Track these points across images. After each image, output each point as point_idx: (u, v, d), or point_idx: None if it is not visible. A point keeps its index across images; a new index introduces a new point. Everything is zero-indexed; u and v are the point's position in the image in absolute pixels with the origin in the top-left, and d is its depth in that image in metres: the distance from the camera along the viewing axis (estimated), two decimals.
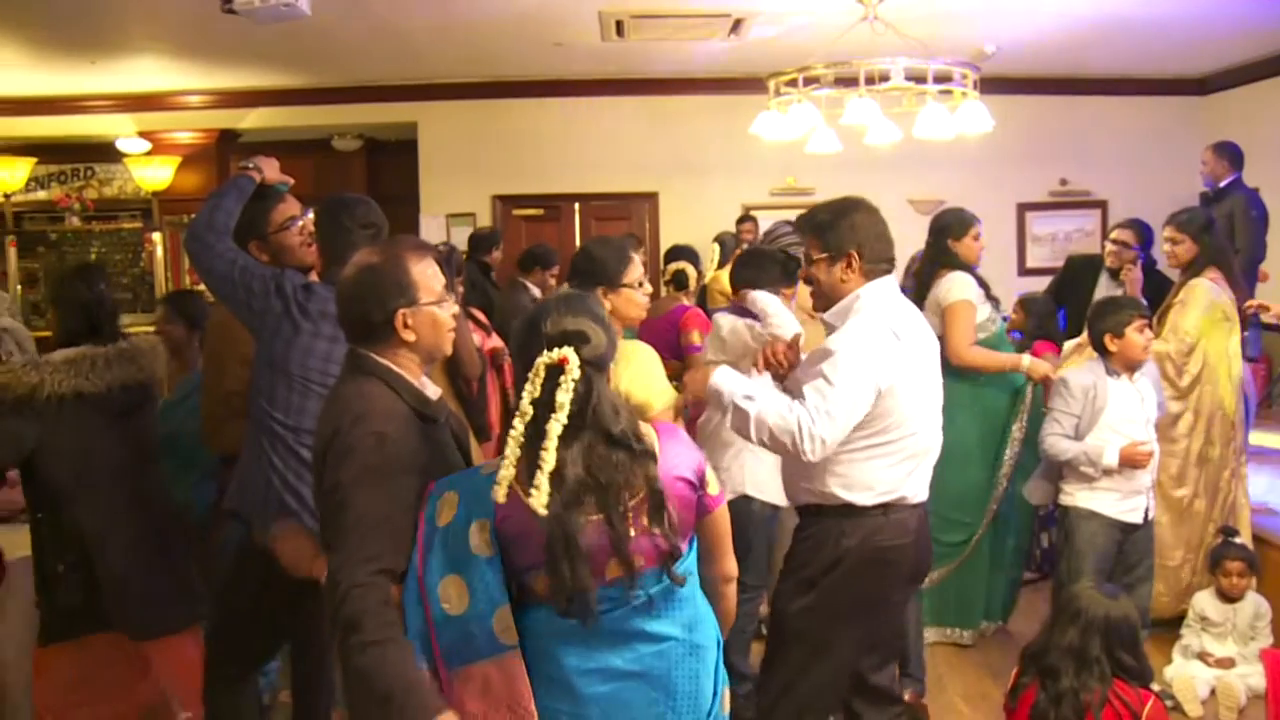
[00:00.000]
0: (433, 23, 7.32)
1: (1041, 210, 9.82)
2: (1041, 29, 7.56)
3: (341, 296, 2.40)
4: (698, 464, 2.26)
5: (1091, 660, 3.21)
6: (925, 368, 3.01)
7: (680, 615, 2.22)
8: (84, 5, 6.67)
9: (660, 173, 9.59)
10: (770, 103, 6.38)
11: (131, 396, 3.47)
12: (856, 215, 3.05)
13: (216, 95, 9.59)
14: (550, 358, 2.08)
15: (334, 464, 2.23)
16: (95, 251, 10.58)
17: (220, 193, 3.29)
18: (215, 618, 3.48)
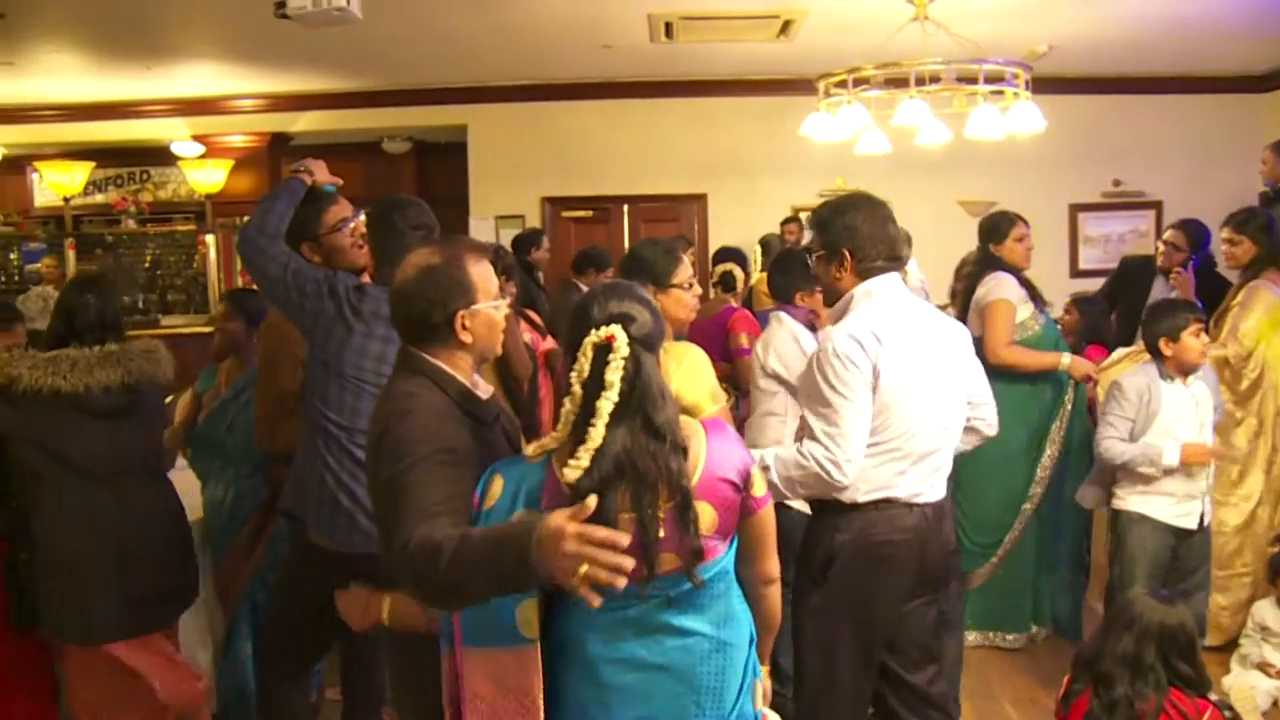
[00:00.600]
0: (482, 26, 7.36)
1: (1094, 211, 9.69)
2: (1096, 27, 7.46)
3: (401, 295, 2.39)
4: (744, 464, 2.24)
5: (1146, 668, 3.15)
6: (923, 368, 2.95)
7: (709, 611, 2.22)
8: (141, 13, 6.79)
9: (709, 174, 9.58)
10: (820, 104, 6.35)
11: (114, 399, 3.44)
12: (853, 214, 3.06)
13: (268, 99, 9.70)
14: (598, 335, 2.10)
15: (386, 460, 2.23)
16: (150, 253, 10.76)
17: (272, 196, 3.32)
18: (270, 616, 3.52)
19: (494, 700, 2.15)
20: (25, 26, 6.92)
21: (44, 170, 10.16)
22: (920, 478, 2.97)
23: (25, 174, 10.84)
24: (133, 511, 3.51)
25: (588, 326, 2.13)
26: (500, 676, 2.15)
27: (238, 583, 4.14)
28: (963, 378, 3.08)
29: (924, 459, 2.96)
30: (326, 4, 4.76)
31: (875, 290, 3.01)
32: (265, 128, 10.02)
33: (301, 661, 3.43)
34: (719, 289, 5.93)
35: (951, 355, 3.05)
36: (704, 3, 6.83)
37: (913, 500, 2.96)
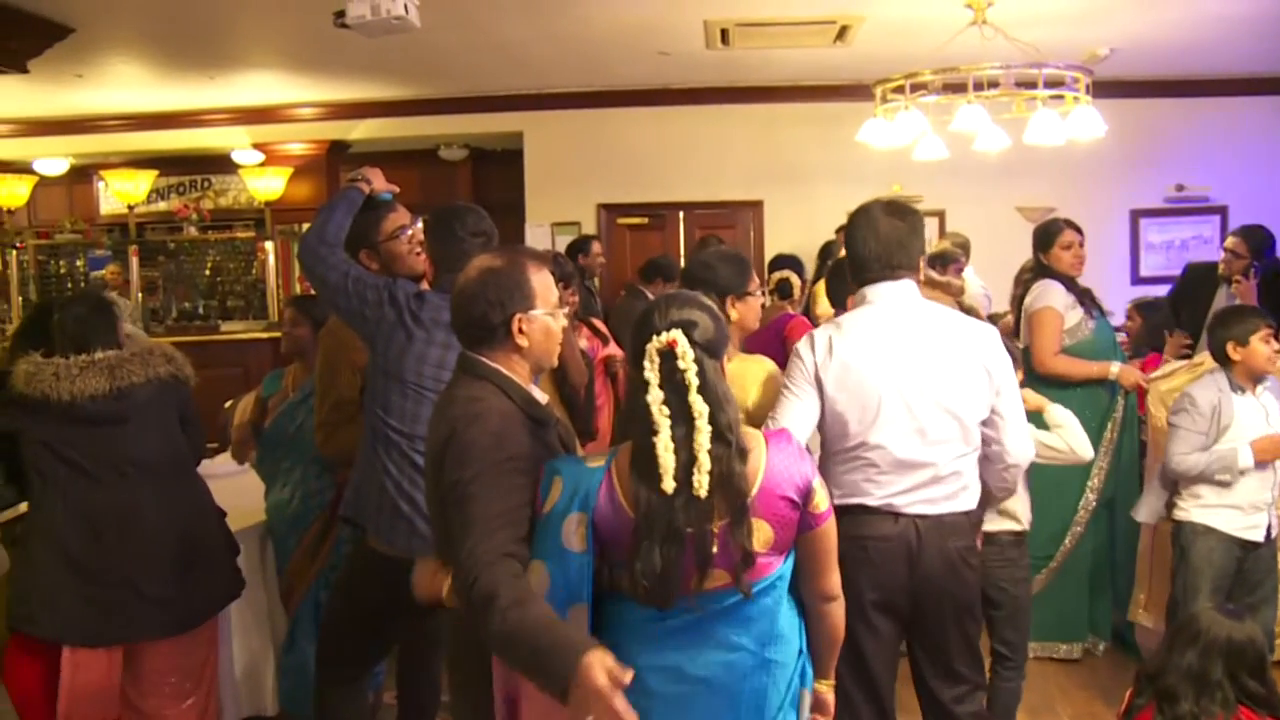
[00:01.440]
0: (539, 34, 7.39)
1: (1156, 217, 9.50)
2: (1159, 29, 7.33)
3: (461, 296, 2.43)
4: (805, 479, 2.23)
5: (1213, 685, 3.07)
6: (897, 378, 2.90)
7: (755, 627, 2.21)
8: (206, 25, 6.89)
9: (765, 181, 9.54)
10: (877, 110, 6.32)
11: (102, 407, 3.49)
12: (850, 224, 3.10)
13: (327, 107, 9.81)
14: (660, 341, 2.13)
15: (453, 464, 2.26)
16: (211, 260, 10.91)
17: (331, 205, 3.37)
18: (328, 619, 3.55)
19: (548, 705, 2.14)
20: (95, 40, 7.05)
21: (110, 179, 10.34)
22: (902, 488, 2.90)
23: (92, 182, 11.04)
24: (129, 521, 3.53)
25: (650, 334, 2.15)
26: None
27: (302, 583, 4.19)
28: (965, 391, 2.94)
29: (905, 469, 2.90)
30: (385, 13, 4.80)
31: (870, 297, 3.02)
32: (324, 136, 10.12)
33: (359, 665, 3.46)
34: (775, 296, 5.91)
35: (949, 368, 2.93)
36: (760, 9, 6.80)
37: (895, 509, 2.90)
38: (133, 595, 3.51)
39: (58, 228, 10.67)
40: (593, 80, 9.08)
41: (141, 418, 3.59)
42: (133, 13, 6.67)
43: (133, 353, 3.61)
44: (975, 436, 2.97)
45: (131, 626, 3.54)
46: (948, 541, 2.93)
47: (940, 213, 9.22)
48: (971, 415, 2.95)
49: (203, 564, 3.69)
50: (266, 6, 6.57)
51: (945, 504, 2.93)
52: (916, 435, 2.90)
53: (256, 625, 4.31)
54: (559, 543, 2.15)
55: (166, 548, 3.57)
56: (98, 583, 3.48)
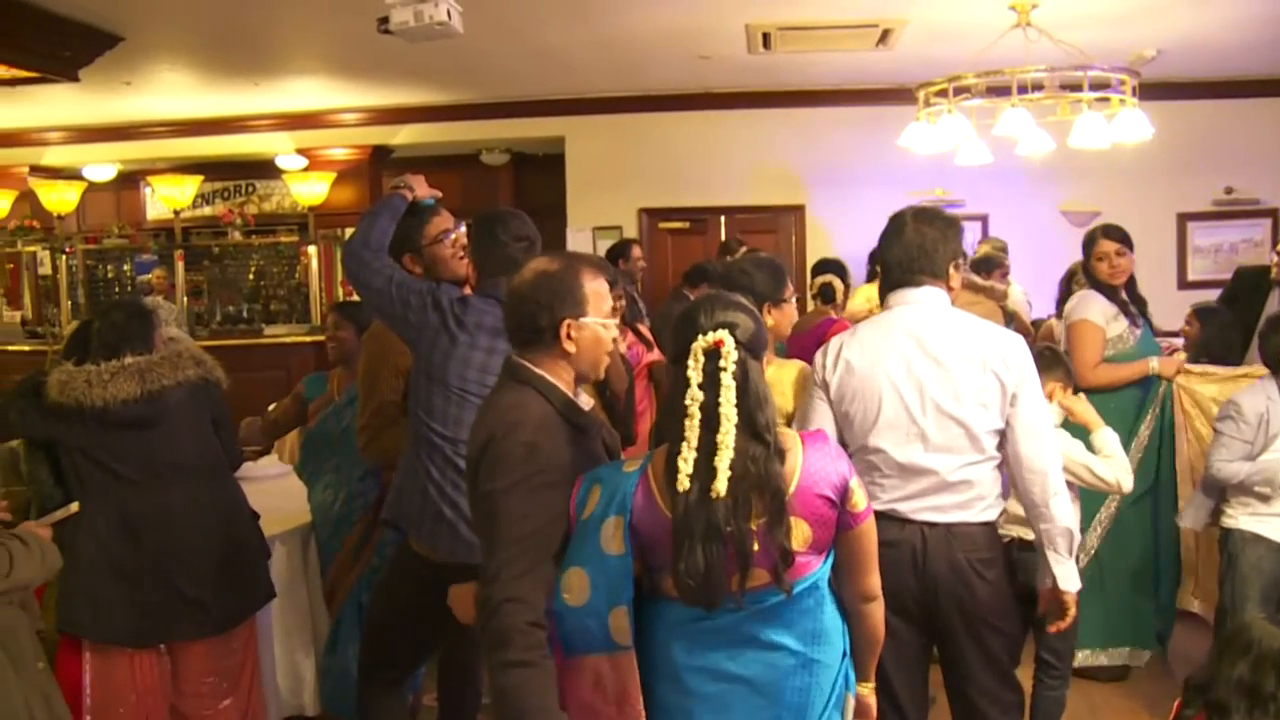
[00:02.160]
0: (580, 39, 7.41)
1: (1204, 220, 9.37)
2: (1208, 30, 7.23)
3: (513, 297, 2.44)
4: (842, 477, 2.23)
5: (1266, 697, 3.01)
6: (901, 385, 2.88)
7: (797, 626, 2.21)
8: (252, 32, 6.97)
9: (807, 185, 9.51)
10: (919, 114, 6.29)
11: (133, 411, 3.55)
12: (884, 232, 3.10)
13: (370, 113, 9.88)
14: (706, 341, 2.14)
15: (487, 472, 2.28)
16: (254, 264, 11.02)
17: (375, 212, 3.39)
18: (370, 621, 3.57)
19: (595, 707, 2.19)
20: (143, 48, 7.15)
21: (156, 184, 10.48)
22: (906, 493, 2.89)
23: (139, 188, 11.20)
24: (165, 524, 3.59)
25: (694, 334, 2.17)
26: (600, 684, 2.18)
27: (345, 585, 4.21)
28: (973, 400, 2.88)
29: (907, 474, 2.89)
30: (428, 19, 4.82)
31: (891, 303, 3.04)
32: (366, 141, 10.19)
33: (401, 668, 3.48)
34: (818, 300, 5.89)
35: (957, 376, 2.88)
36: (802, 13, 6.78)
37: (900, 514, 2.89)
38: (172, 596, 3.57)
39: (106, 233, 10.82)
40: (634, 84, 9.09)
41: (173, 421, 3.66)
42: (180, 21, 6.77)
43: (162, 356, 3.67)
44: (988, 445, 2.91)
45: (171, 627, 3.60)
46: (956, 551, 2.89)
47: (983, 217, 9.16)
48: (980, 424, 2.89)
49: (239, 565, 3.74)
50: (310, 14, 6.64)
51: (956, 513, 2.90)
52: (918, 441, 2.88)
53: (298, 626, 4.35)
54: (598, 547, 2.16)
55: (202, 549, 3.63)
56: (138, 585, 3.54)
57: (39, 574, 2.78)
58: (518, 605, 2.17)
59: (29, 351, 9.85)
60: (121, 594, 3.52)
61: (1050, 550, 2.95)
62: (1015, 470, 2.95)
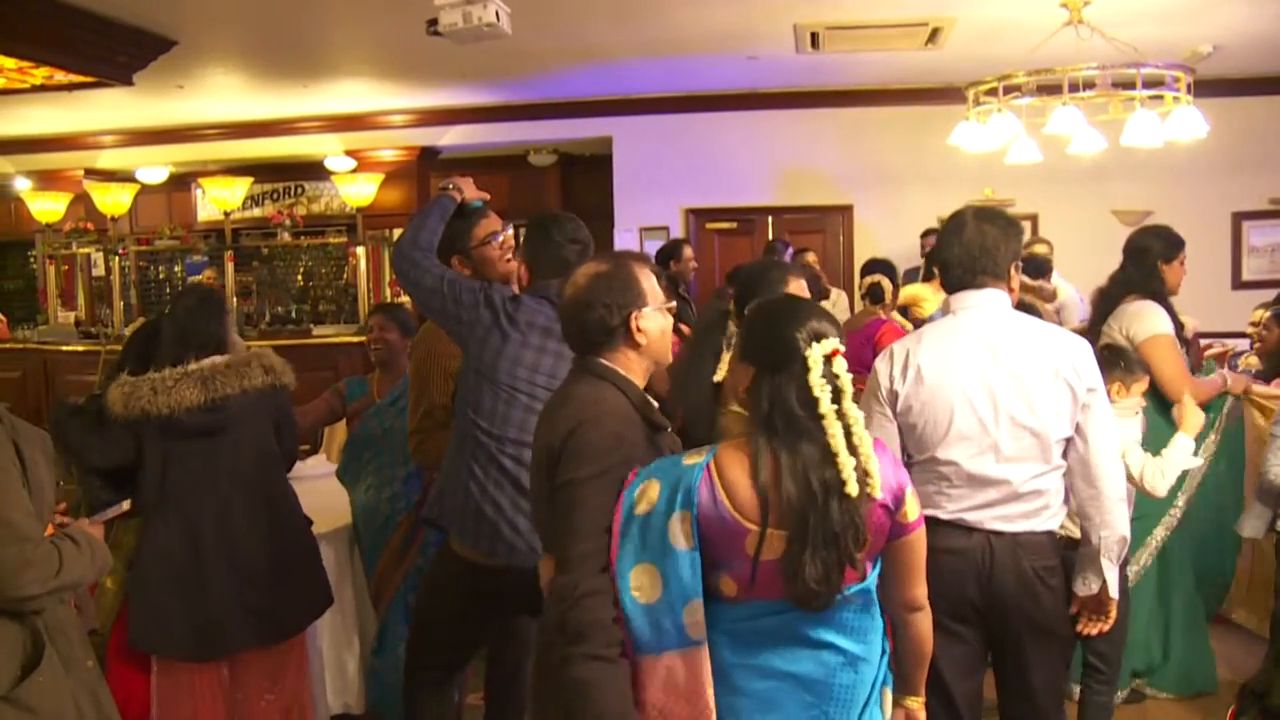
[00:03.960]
0: (628, 39, 7.42)
1: (1260, 220, 9.23)
2: (1266, 24, 7.10)
3: (574, 304, 2.44)
4: (901, 485, 2.22)
5: None
6: (968, 393, 2.84)
7: (847, 627, 2.20)
8: (302, 35, 7.05)
9: (855, 185, 9.48)
10: (969, 113, 6.23)
11: (198, 419, 3.50)
12: (944, 230, 3.06)
13: (417, 114, 9.95)
14: (826, 347, 2.16)
15: (570, 461, 2.28)
16: (303, 265, 11.12)
17: (424, 213, 3.41)
18: (415, 621, 3.58)
19: (665, 706, 2.17)
20: (195, 52, 7.26)
21: (207, 186, 10.59)
22: (975, 503, 2.85)
23: (190, 190, 11.34)
24: (226, 533, 3.55)
25: (797, 339, 2.17)
26: (671, 681, 2.17)
27: (390, 585, 4.23)
28: (1045, 409, 2.83)
29: (978, 485, 2.84)
30: (477, 20, 4.85)
31: (954, 306, 2.99)
32: (414, 142, 10.27)
33: (445, 668, 3.49)
34: (867, 301, 5.85)
35: (1029, 384, 2.84)
36: (851, 12, 6.75)
37: (966, 524, 2.85)
38: (235, 607, 3.54)
39: (157, 234, 10.95)
40: (681, 85, 9.09)
41: (236, 430, 3.60)
42: (232, 26, 6.85)
43: (228, 363, 3.61)
44: (1056, 454, 2.87)
45: (234, 639, 3.56)
46: (1023, 560, 2.85)
47: (1033, 217, 9.07)
48: (1052, 432, 2.85)
49: (299, 573, 3.72)
50: (360, 16, 6.69)
51: (1022, 522, 2.86)
52: (990, 452, 2.84)
53: (344, 624, 4.37)
54: (667, 542, 2.15)
55: (263, 558, 3.60)
56: (201, 597, 3.51)
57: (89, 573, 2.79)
58: (602, 599, 2.16)
59: (82, 352, 9.99)
60: (185, 607, 3.50)
61: (1105, 558, 2.91)
62: (1081, 475, 2.90)
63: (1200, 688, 4.51)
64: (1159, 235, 4.49)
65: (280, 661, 3.77)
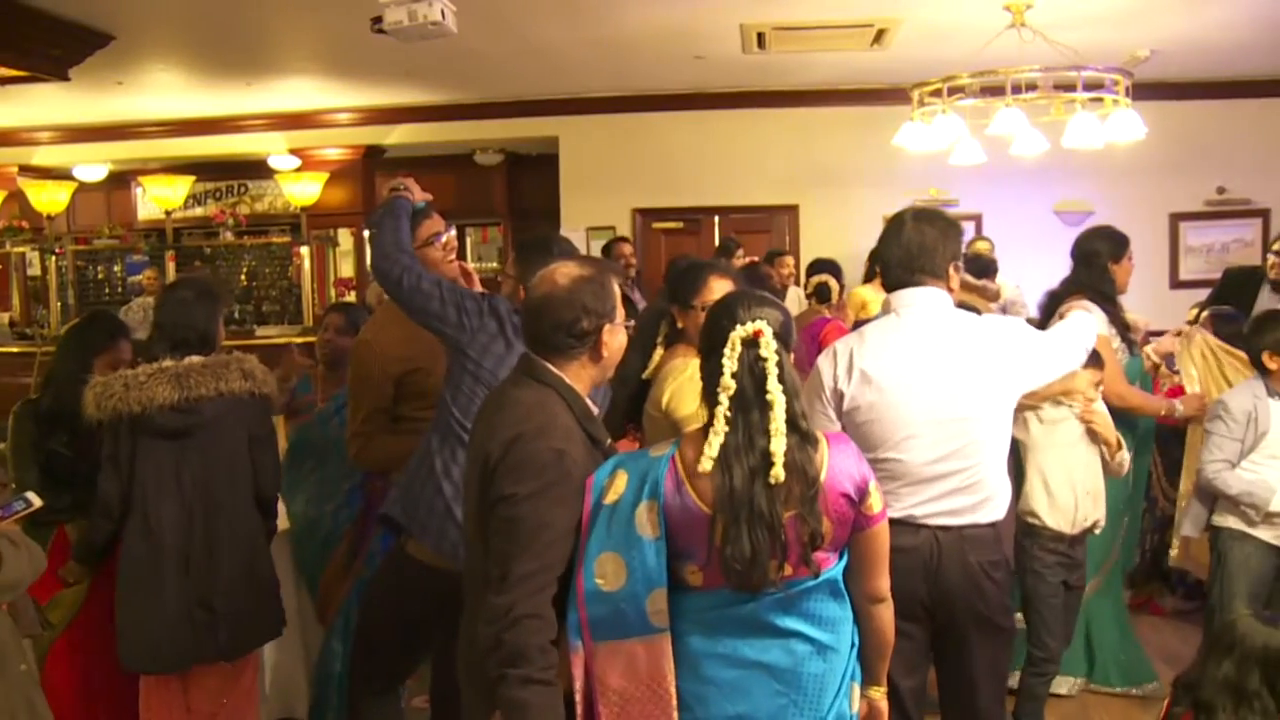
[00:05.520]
0: (575, 38, 7.40)
1: (1196, 220, 9.39)
2: (1201, 30, 7.24)
3: (551, 301, 2.40)
4: (864, 477, 2.25)
5: (1251, 695, 3.02)
6: (913, 393, 2.87)
7: (814, 616, 2.23)
8: (245, 32, 6.95)
9: (801, 185, 9.51)
10: (914, 113, 6.29)
11: (171, 419, 3.40)
12: (884, 231, 3.11)
13: (363, 113, 9.86)
14: (746, 330, 2.19)
15: (510, 473, 2.25)
16: (246, 265, 11.01)
17: (390, 215, 3.37)
18: (360, 631, 3.50)
19: (626, 691, 2.19)
20: (135, 47, 7.13)
21: (147, 184, 10.45)
22: (924, 498, 2.88)
23: (130, 188, 11.17)
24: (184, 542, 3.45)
25: (732, 325, 2.21)
26: (632, 668, 2.19)
27: (337, 596, 4.16)
28: (988, 400, 2.90)
29: (927, 481, 2.88)
30: (422, 19, 4.81)
31: (894, 305, 3.03)
32: (360, 141, 10.19)
33: (394, 676, 3.44)
34: (813, 300, 5.89)
35: (971, 378, 2.90)
36: (797, 13, 6.78)
37: (916, 520, 2.88)
38: (183, 620, 3.44)
39: (96, 233, 10.80)
40: (628, 84, 9.09)
41: (207, 435, 3.49)
42: (172, 21, 6.75)
43: (205, 364, 3.49)
44: (1001, 444, 2.96)
45: (184, 653, 3.46)
46: (970, 556, 2.90)
47: (977, 216, 9.17)
48: (995, 424, 2.93)
49: (250, 594, 3.57)
50: (304, 13, 6.62)
51: (969, 515, 2.91)
52: (938, 447, 2.87)
53: (290, 632, 4.28)
54: (634, 532, 2.17)
55: (215, 573, 3.48)
56: (154, 606, 3.42)
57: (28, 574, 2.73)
58: (539, 622, 2.16)
59: (17, 353, 9.81)
60: (138, 616, 3.42)
61: None
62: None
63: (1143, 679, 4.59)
64: (1106, 236, 4.54)
65: (234, 675, 3.64)
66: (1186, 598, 5.52)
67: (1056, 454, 3.88)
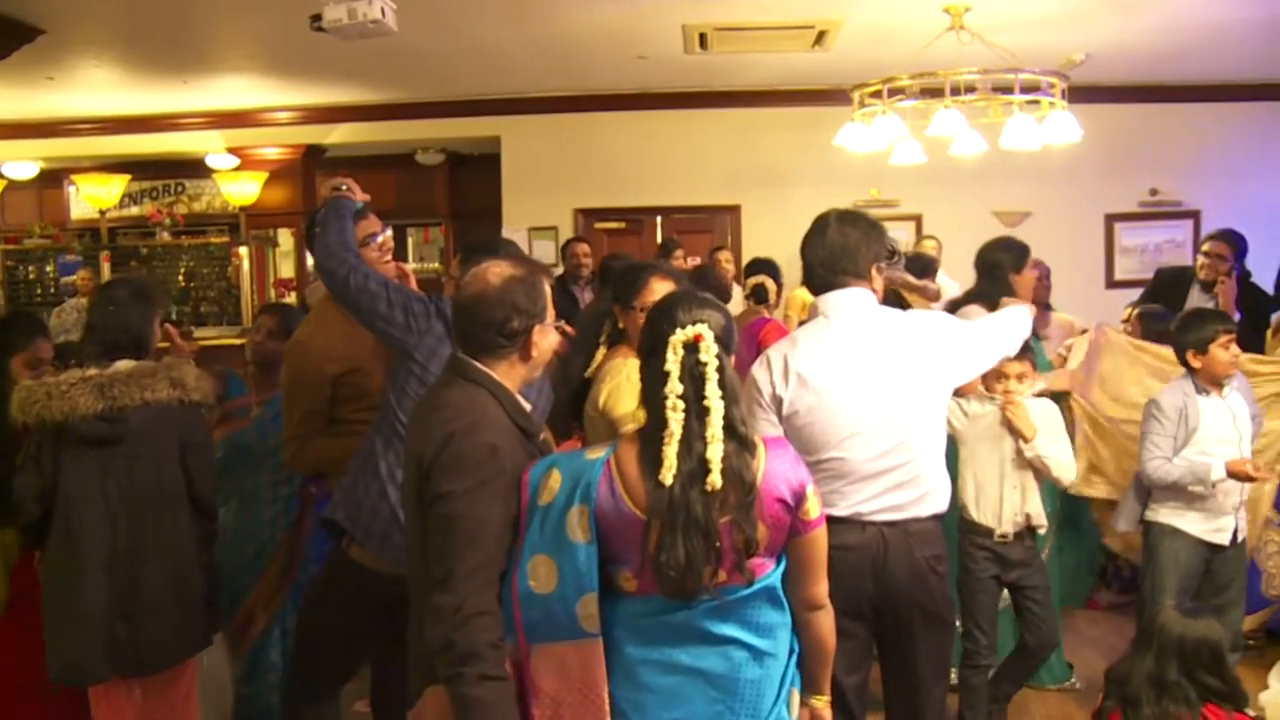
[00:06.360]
0: (517, 38, 7.37)
1: (1130, 221, 9.55)
2: (1135, 35, 7.37)
3: (481, 300, 2.40)
4: (799, 483, 2.24)
5: (1171, 685, 3.11)
6: (852, 392, 2.91)
7: (751, 622, 2.22)
8: (178, 27, 6.84)
9: (743, 185, 9.54)
10: (855, 114, 6.34)
11: (94, 428, 3.32)
12: (810, 231, 3.13)
13: (303, 111, 9.75)
14: (686, 334, 2.17)
15: (445, 472, 2.24)
16: (184, 265, 10.84)
17: (335, 215, 3.35)
18: (299, 638, 3.45)
19: (558, 695, 2.18)
20: (66, 42, 6.98)
21: (81, 183, 10.26)
22: (868, 494, 2.92)
23: (62, 187, 10.93)
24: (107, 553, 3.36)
25: (672, 328, 2.20)
26: (564, 671, 2.18)
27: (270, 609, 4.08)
28: (923, 393, 2.96)
29: (870, 478, 2.91)
30: (362, 17, 4.77)
31: (822, 309, 3.05)
32: (299, 140, 10.05)
33: (332, 683, 3.40)
34: (751, 300, 5.91)
35: (905, 373, 2.95)
36: (739, 14, 6.80)
37: (861, 518, 2.92)
38: (101, 633, 3.34)
39: (26, 232, 10.58)
40: (571, 84, 9.06)
41: (134, 445, 3.40)
42: (105, 15, 6.62)
43: (130, 372, 3.40)
44: (937, 438, 3.01)
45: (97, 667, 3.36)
46: (915, 551, 2.94)
47: (917, 217, 9.27)
48: (933, 413, 2.99)
49: (174, 608, 3.46)
50: (241, 10, 6.53)
51: (912, 509, 2.95)
52: (879, 443, 2.91)
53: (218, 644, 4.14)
54: (565, 536, 2.16)
55: (138, 586, 3.39)
56: (73, 617, 3.33)
57: None
58: (489, 619, 2.16)
59: None
60: (58, 626, 3.33)
61: None
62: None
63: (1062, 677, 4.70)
64: (1007, 248, 4.66)
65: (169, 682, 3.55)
66: (1121, 591, 5.63)
67: (984, 448, 3.93)
